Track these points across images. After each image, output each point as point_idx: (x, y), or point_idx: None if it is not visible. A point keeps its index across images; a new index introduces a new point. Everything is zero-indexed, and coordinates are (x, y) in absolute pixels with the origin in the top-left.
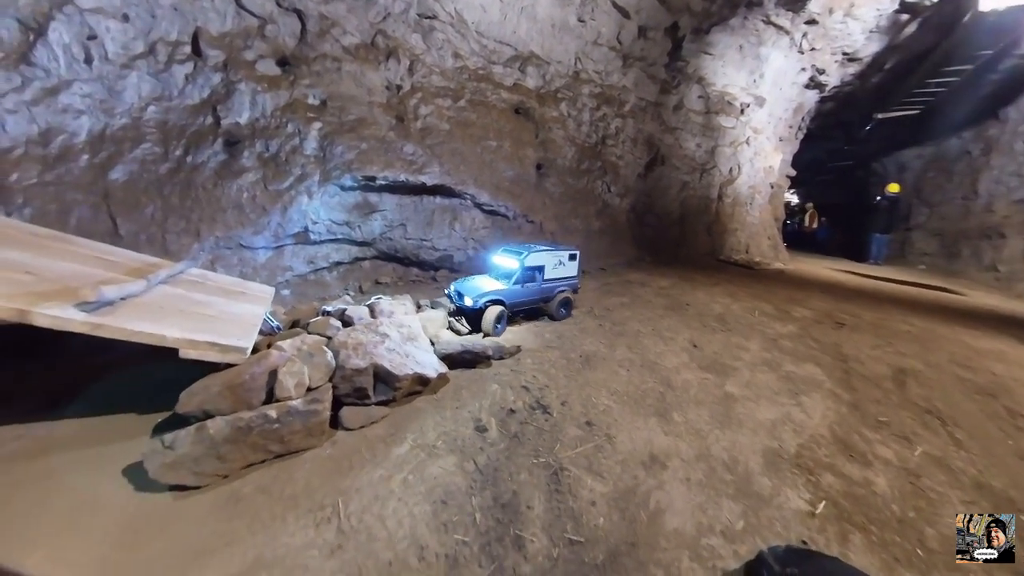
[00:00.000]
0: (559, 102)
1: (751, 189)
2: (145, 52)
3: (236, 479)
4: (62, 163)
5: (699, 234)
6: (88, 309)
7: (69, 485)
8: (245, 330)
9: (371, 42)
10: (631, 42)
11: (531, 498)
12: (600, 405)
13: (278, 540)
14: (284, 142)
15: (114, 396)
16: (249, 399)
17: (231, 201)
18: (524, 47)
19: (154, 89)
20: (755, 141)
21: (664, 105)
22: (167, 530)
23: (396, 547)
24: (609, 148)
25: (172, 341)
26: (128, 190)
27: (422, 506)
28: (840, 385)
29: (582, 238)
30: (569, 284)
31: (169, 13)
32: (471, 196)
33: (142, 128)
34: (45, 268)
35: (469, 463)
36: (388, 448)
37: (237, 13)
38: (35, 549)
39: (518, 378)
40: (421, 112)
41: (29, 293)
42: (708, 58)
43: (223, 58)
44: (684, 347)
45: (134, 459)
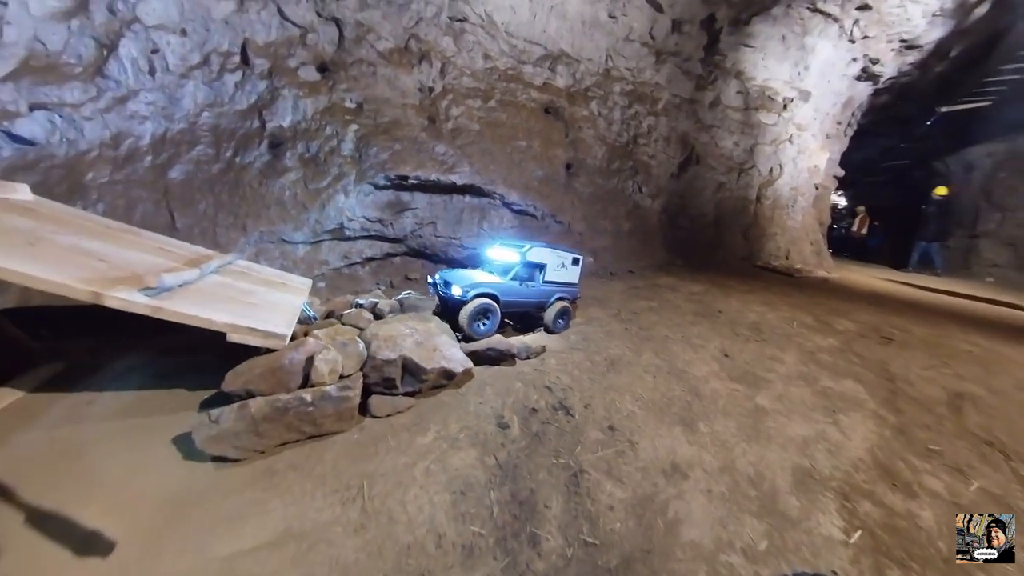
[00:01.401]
0: (589, 101)
1: (793, 190)
2: (200, 63)
3: (271, 455)
4: (129, 164)
5: (735, 238)
6: (151, 294)
7: (127, 448)
8: (285, 318)
9: (404, 46)
10: (664, 37)
11: (549, 497)
12: (624, 410)
13: (307, 514)
14: (323, 143)
15: (167, 373)
16: (287, 382)
17: (274, 198)
18: (554, 46)
19: (208, 96)
20: (799, 139)
21: (699, 102)
22: (209, 496)
23: (415, 532)
24: (641, 147)
25: (220, 325)
26: (184, 188)
27: (442, 495)
28: (884, 406)
29: (611, 239)
30: (569, 291)
31: (221, 26)
32: (500, 196)
33: (197, 132)
34: (116, 256)
35: (490, 458)
36: (412, 437)
37: (281, 24)
38: (95, 501)
39: (542, 378)
40: (452, 113)
41: (103, 278)
42: (748, 51)
43: (268, 66)
44: (714, 356)
45: (182, 430)
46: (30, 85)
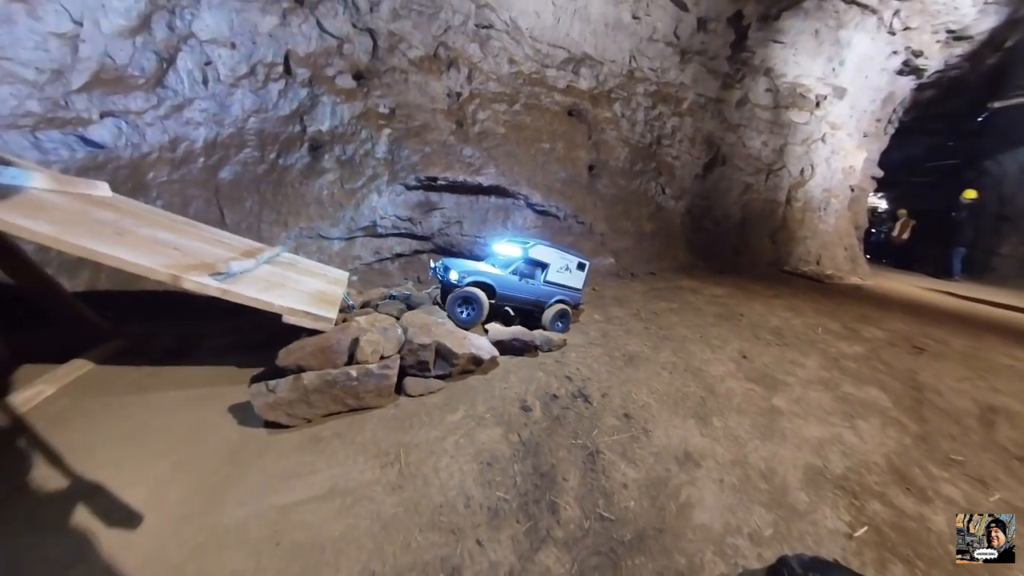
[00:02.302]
0: (612, 102)
1: (826, 192)
2: (247, 73)
3: (317, 424)
4: (184, 165)
5: (762, 241)
6: (220, 279)
7: (189, 414)
8: (330, 304)
9: (434, 54)
10: (689, 36)
11: (568, 472)
12: (639, 401)
13: (350, 475)
14: (358, 146)
15: (218, 352)
16: (334, 360)
17: (313, 197)
18: (577, 49)
19: (254, 103)
20: (832, 138)
21: (726, 101)
22: (263, 456)
23: (447, 494)
24: (664, 148)
25: (279, 308)
26: (233, 187)
27: (470, 464)
28: (908, 414)
29: (633, 241)
30: (570, 296)
31: (266, 39)
32: (524, 196)
33: (244, 136)
34: (185, 246)
35: (514, 435)
36: (443, 415)
37: (320, 36)
38: (164, 459)
39: (562, 369)
40: (479, 117)
41: (179, 264)
42: (777, 47)
43: (309, 75)
44: (732, 357)
45: (235, 400)
46: (101, 95)
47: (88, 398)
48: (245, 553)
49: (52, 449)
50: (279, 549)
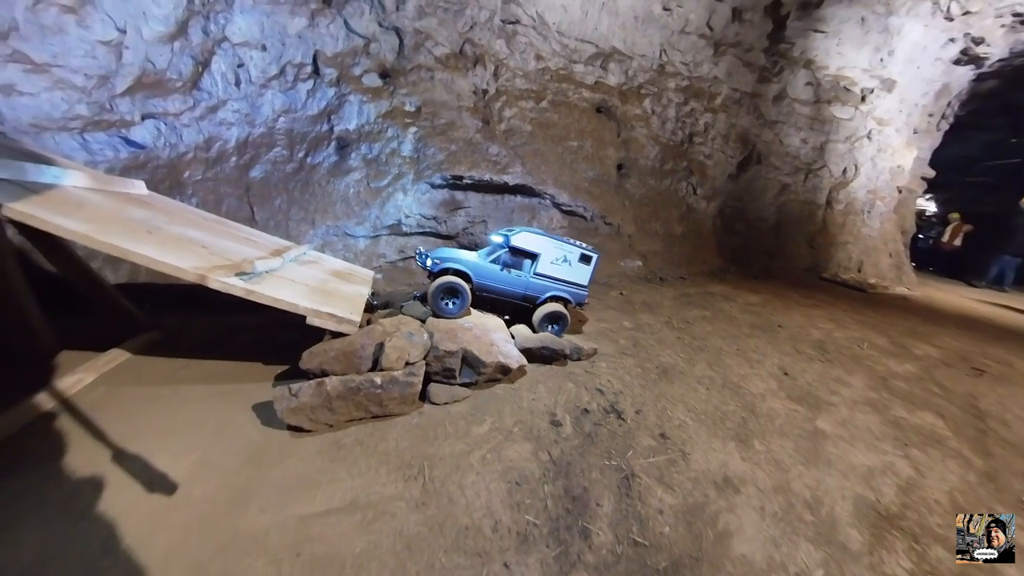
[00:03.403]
0: (642, 99)
1: (870, 194)
2: (277, 74)
3: (339, 429)
4: (218, 164)
5: (799, 246)
6: (245, 279)
7: (215, 410)
8: (354, 306)
9: (460, 51)
10: (724, 27)
11: (601, 496)
12: (675, 420)
13: (372, 487)
14: (384, 145)
15: (245, 348)
16: (358, 365)
17: (340, 196)
18: (605, 43)
19: (284, 103)
20: (879, 135)
21: (762, 96)
22: (284, 460)
23: (473, 515)
24: (696, 146)
25: (303, 309)
26: (263, 185)
27: (498, 483)
28: (970, 446)
29: (662, 243)
30: (570, 292)
31: (295, 41)
32: (550, 196)
33: (274, 136)
34: (214, 244)
35: (544, 453)
36: (469, 426)
37: (347, 35)
38: (190, 455)
39: (593, 380)
40: (505, 115)
41: (206, 263)
42: (819, 37)
43: (336, 75)
44: (772, 373)
45: (260, 399)
46: (142, 98)
47: (123, 387)
48: (266, 561)
49: (87, 437)
50: (299, 560)
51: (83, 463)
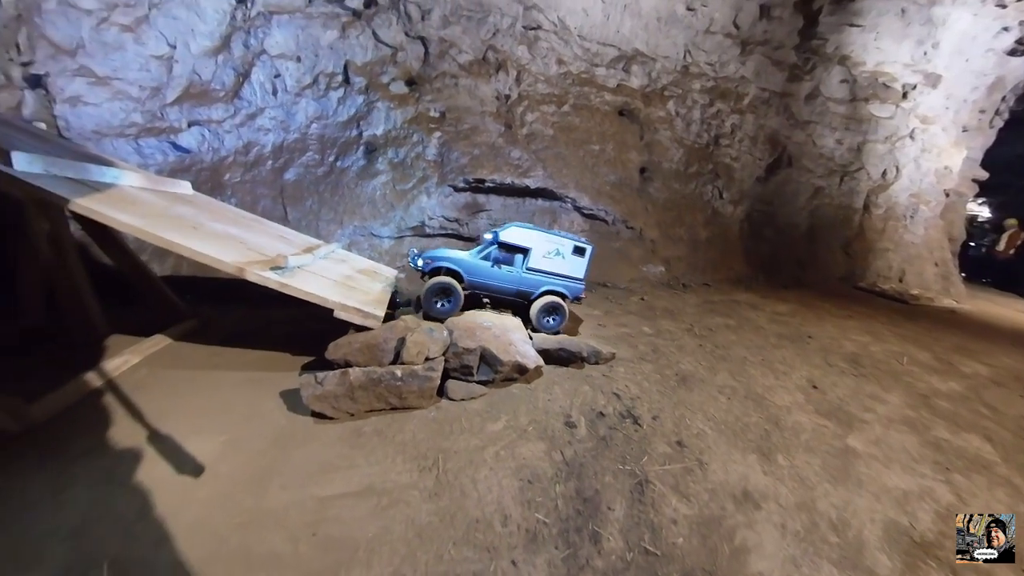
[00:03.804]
0: (666, 101)
1: (913, 198)
2: (311, 83)
3: (360, 419)
4: (255, 167)
5: (833, 253)
6: (279, 273)
7: (245, 395)
8: (378, 302)
9: (483, 57)
10: (751, 25)
11: (613, 501)
12: (694, 428)
13: (387, 475)
14: (410, 150)
15: (276, 339)
16: (380, 358)
17: (367, 198)
18: (628, 46)
19: (316, 110)
20: (923, 134)
21: (793, 95)
22: (307, 444)
23: (484, 509)
24: (723, 149)
25: (331, 303)
26: (296, 187)
27: (510, 480)
28: (1022, 474)
29: (686, 249)
30: (565, 286)
31: (327, 52)
32: (572, 199)
33: (307, 141)
34: (251, 240)
35: (557, 453)
36: (484, 423)
37: (375, 46)
38: (220, 435)
39: (610, 384)
40: (527, 119)
41: (244, 257)
42: (855, 31)
43: (365, 83)
44: (800, 385)
45: (287, 387)
46: (189, 107)
47: (164, 370)
48: (284, 537)
49: (130, 413)
50: (315, 540)
51: (125, 436)
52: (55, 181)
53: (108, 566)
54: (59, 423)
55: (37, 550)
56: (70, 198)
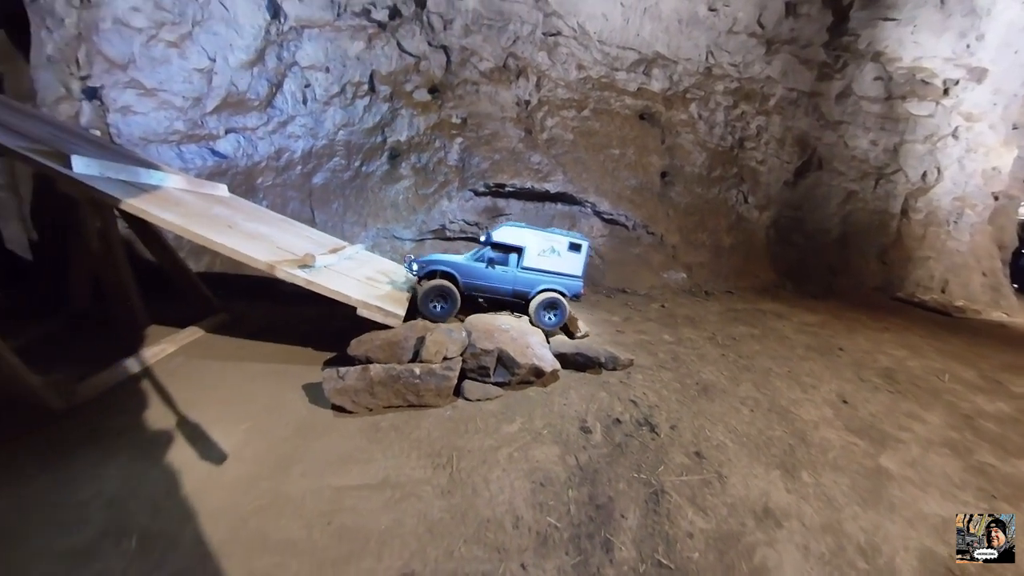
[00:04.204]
0: (688, 103)
1: (957, 201)
2: (338, 92)
3: (378, 414)
4: (286, 172)
5: (868, 261)
6: (307, 271)
7: (270, 387)
8: (399, 302)
9: (503, 64)
10: (776, 23)
11: (627, 509)
12: (714, 439)
13: (402, 470)
14: (432, 155)
15: (300, 334)
16: (400, 356)
17: (390, 201)
18: (648, 49)
19: (343, 118)
20: (967, 132)
21: (823, 95)
22: (326, 436)
23: (495, 509)
24: (748, 151)
25: (354, 301)
26: (323, 191)
27: (522, 482)
28: None
29: (708, 255)
30: (563, 284)
31: (354, 62)
32: (591, 204)
33: (334, 147)
34: (281, 240)
35: (571, 457)
36: (499, 424)
37: (400, 56)
38: (245, 422)
39: (627, 391)
40: (547, 124)
41: (274, 256)
42: (889, 25)
43: (390, 91)
44: (829, 400)
45: (309, 380)
46: (226, 116)
47: (197, 359)
48: (300, 524)
49: (164, 398)
50: (329, 528)
51: (159, 419)
52: (108, 182)
53: (137, 537)
54: (101, 403)
55: (78, 516)
56: (121, 198)
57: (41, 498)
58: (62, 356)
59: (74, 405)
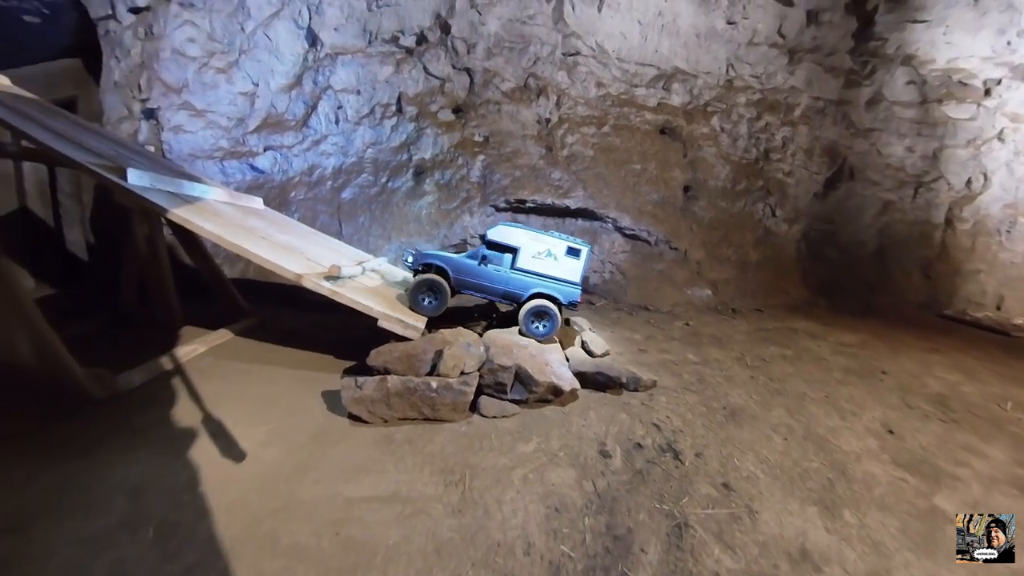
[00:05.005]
0: (710, 117)
1: (1009, 209)
2: (368, 113)
3: (392, 426)
4: (317, 187)
5: (910, 276)
6: (332, 282)
7: (291, 392)
8: (419, 315)
9: (524, 84)
10: (798, 32)
11: (647, 542)
12: (743, 469)
13: (414, 484)
14: (455, 172)
15: (322, 342)
16: (418, 368)
17: (414, 216)
18: (667, 64)
19: (372, 137)
20: (1015, 134)
21: (852, 102)
22: (341, 444)
23: (507, 533)
24: (774, 163)
25: (376, 312)
26: (351, 205)
27: (536, 506)
28: None
29: (734, 271)
30: (557, 289)
31: (383, 85)
32: (612, 220)
33: (363, 164)
34: (309, 252)
35: (588, 483)
36: (514, 443)
37: (425, 78)
38: (266, 425)
39: (650, 414)
40: (567, 141)
41: (303, 267)
42: (919, 28)
43: (416, 111)
44: (872, 429)
45: (329, 387)
46: (266, 135)
47: (225, 361)
48: (310, 531)
49: (192, 395)
50: (338, 538)
51: (187, 415)
52: (157, 194)
53: (154, 528)
54: (136, 395)
55: (104, 502)
56: (168, 208)
57: (74, 481)
58: (107, 351)
59: (114, 396)
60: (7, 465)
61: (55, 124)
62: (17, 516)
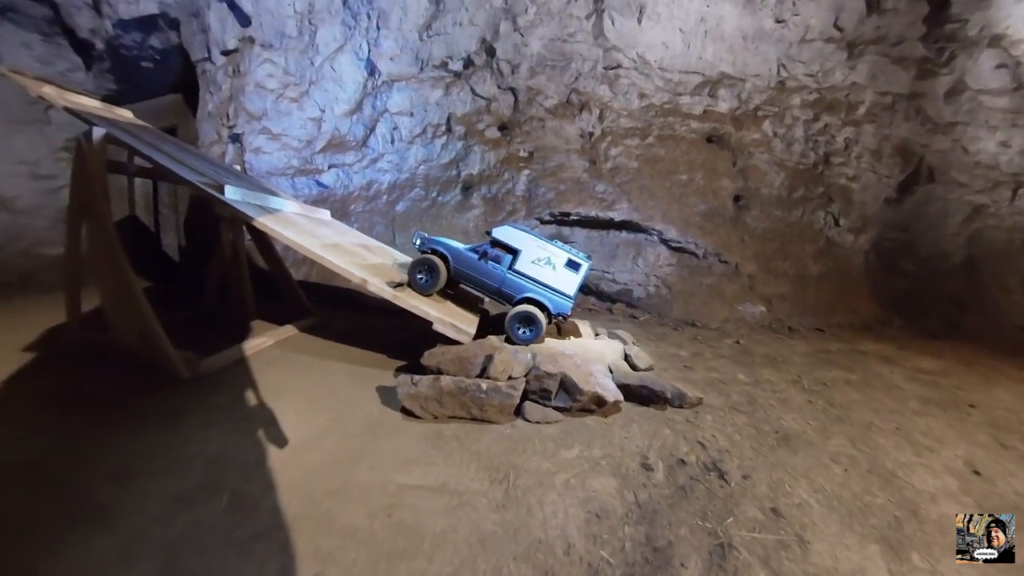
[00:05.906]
0: (760, 121)
1: None
2: (420, 133)
3: (441, 423)
4: (374, 200)
5: (1009, 292)
6: (392, 287)
7: (347, 386)
8: (470, 320)
9: (567, 100)
10: (857, 24)
11: (687, 558)
12: (795, 496)
13: (461, 478)
14: (501, 186)
15: (378, 341)
16: (469, 370)
17: (462, 228)
18: (712, 70)
19: (424, 155)
20: None
21: (927, 95)
22: (394, 437)
23: (547, 532)
24: (835, 168)
25: (433, 317)
26: (404, 217)
27: (577, 510)
28: None
29: (791, 285)
30: (551, 299)
31: (434, 107)
32: (658, 232)
33: (415, 180)
34: (371, 258)
35: (629, 493)
36: (557, 448)
37: (473, 99)
38: (325, 414)
39: (694, 432)
40: (611, 153)
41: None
42: (1007, 2)
43: (464, 130)
44: (952, 467)
45: (383, 383)
46: (330, 154)
47: (289, 354)
48: (364, 513)
49: (260, 383)
50: (389, 521)
51: (255, 399)
52: (247, 206)
53: (229, 495)
54: (215, 378)
55: (185, 468)
56: (255, 217)
57: (161, 449)
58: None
59: (197, 377)
60: (118, 427)
61: (166, 147)
62: (121, 470)
